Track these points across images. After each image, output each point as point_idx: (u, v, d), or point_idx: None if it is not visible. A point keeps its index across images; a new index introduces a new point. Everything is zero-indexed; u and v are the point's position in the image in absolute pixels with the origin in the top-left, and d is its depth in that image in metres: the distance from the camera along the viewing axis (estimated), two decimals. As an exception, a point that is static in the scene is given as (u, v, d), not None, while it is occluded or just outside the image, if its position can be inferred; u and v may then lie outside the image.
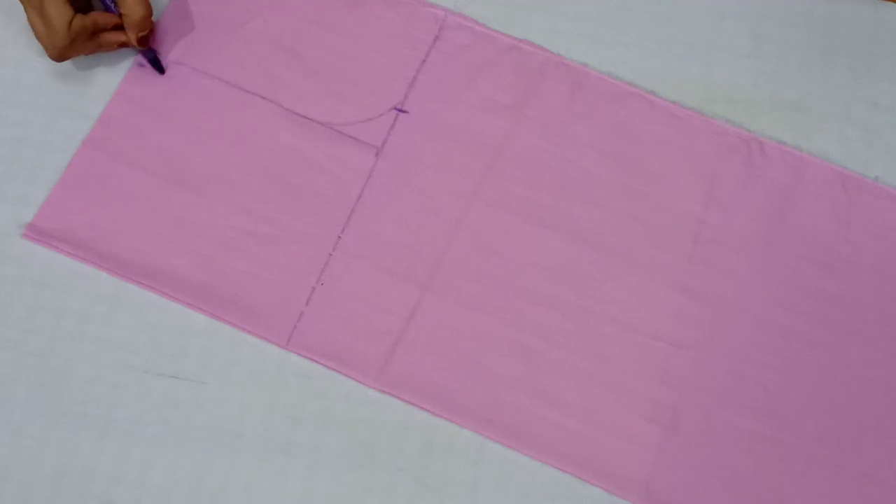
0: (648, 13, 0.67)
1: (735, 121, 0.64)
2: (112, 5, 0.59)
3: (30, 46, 0.62)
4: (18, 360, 0.56)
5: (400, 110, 0.63)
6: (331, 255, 0.59)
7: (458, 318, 0.58)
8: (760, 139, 0.64)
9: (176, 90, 0.62)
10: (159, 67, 0.62)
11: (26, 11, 0.57)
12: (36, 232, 0.58)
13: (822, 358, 0.59)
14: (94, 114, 0.61)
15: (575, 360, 0.58)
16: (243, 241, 0.59)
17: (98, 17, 0.58)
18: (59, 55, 0.57)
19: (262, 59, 0.63)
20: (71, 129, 0.60)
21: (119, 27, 0.60)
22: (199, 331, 0.57)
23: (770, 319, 0.60)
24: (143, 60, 0.62)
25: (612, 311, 0.59)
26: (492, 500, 0.55)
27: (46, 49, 0.57)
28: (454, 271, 0.59)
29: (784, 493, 0.57)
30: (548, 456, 0.56)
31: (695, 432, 0.57)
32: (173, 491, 0.54)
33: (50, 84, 0.62)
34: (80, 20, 0.57)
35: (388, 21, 0.65)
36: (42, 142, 0.60)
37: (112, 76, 0.62)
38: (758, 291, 0.61)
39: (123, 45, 0.60)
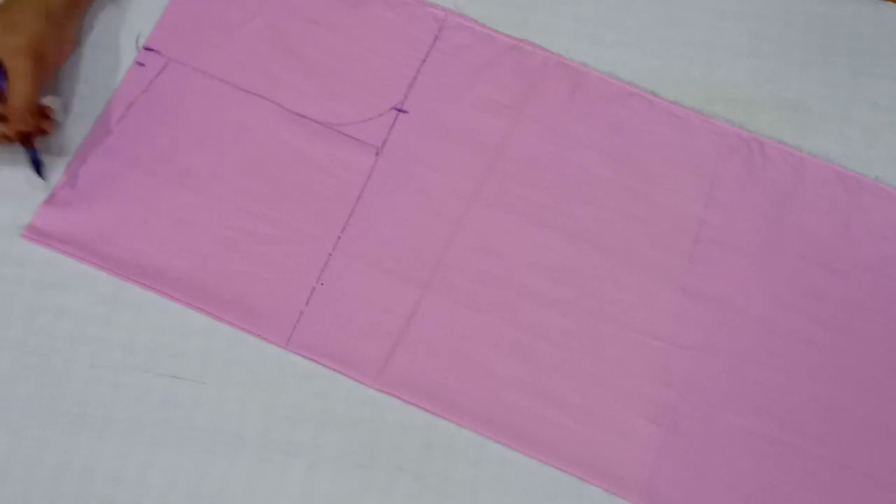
0: (648, 13, 0.67)
1: (735, 121, 0.64)
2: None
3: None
4: (18, 360, 0.56)
5: (400, 110, 0.63)
6: (331, 255, 0.59)
7: (458, 318, 0.58)
8: (760, 139, 0.64)
9: (176, 90, 0.62)
10: (40, 171, 0.58)
11: None
12: (36, 232, 0.58)
13: (823, 357, 0.59)
14: (95, 114, 0.61)
15: (575, 360, 0.58)
16: (243, 241, 0.59)
17: None
18: None
19: (262, 59, 0.63)
20: (70, 130, 0.60)
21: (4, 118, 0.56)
22: (199, 331, 0.57)
23: (770, 319, 0.60)
24: (143, 60, 0.62)
25: (613, 311, 0.59)
26: (492, 499, 0.55)
27: None
28: (454, 271, 0.59)
29: (784, 493, 0.57)
30: (548, 456, 0.56)
31: (695, 432, 0.57)
32: (173, 491, 0.54)
33: (48, 84, 0.62)
34: None
35: (388, 21, 0.65)
36: (42, 142, 0.60)
37: (112, 77, 0.62)
38: (758, 291, 0.61)
39: (7, 138, 0.56)
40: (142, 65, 0.62)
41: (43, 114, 0.58)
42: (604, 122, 0.64)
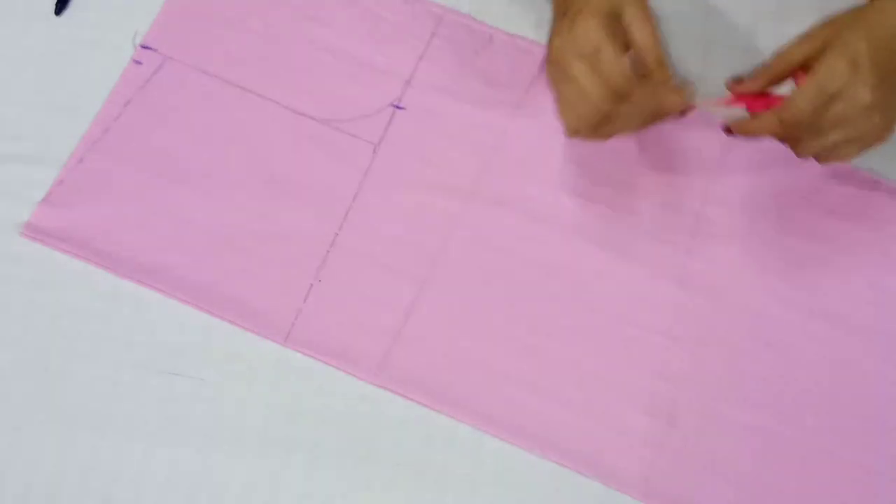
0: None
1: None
2: None
3: (27, 44, 0.62)
4: (17, 358, 0.56)
5: (397, 106, 0.63)
6: (328, 252, 0.59)
7: (457, 314, 0.59)
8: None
9: (173, 88, 0.62)
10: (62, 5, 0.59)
11: None
12: (34, 230, 0.58)
13: (820, 351, 0.60)
14: (92, 112, 0.61)
15: (573, 355, 0.58)
16: (241, 238, 0.59)
17: None
18: None
19: (258, 56, 0.63)
20: (68, 128, 0.60)
21: None
22: (197, 328, 0.57)
23: (767, 313, 0.60)
24: (140, 58, 0.62)
25: (610, 306, 0.59)
26: (491, 494, 0.55)
27: None
28: (452, 267, 0.59)
29: (782, 486, 0.57)
30: (546, 450, 0.56)
31: (693, 426, 0.57)
32: (173, 488, 0.54)
33: (47, 82, 0.62)
34: None
35: (385, 17, 0.65)
36: (40, 140, 0.60)
37: (109, 74, 0.62)
38: (755, 285, 0.61)
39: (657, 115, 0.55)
40: (139, 63, 0.62)
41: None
42: (601, 117, 0.64)
